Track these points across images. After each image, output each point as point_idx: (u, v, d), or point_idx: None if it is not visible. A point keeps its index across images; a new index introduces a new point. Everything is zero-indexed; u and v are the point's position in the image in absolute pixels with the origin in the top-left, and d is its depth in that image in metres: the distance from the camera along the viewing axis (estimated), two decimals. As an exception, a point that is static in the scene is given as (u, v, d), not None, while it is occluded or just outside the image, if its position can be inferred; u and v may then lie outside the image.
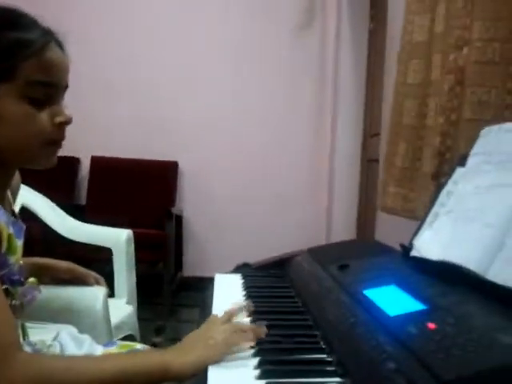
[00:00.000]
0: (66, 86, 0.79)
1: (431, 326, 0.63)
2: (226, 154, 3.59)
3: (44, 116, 0.75)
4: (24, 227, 0.84)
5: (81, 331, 0.99)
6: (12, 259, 0.78)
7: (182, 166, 3.60)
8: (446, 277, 0.79)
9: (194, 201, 3.64)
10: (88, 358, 0.81)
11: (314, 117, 3.53)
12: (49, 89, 0.75)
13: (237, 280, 1.15)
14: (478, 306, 0.68)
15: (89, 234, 1.78)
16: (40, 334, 0.94)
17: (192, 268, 3.61)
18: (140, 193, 3.48)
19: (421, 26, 1.45)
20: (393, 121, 1.69)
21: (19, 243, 0.82)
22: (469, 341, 0.57)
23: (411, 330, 0.63)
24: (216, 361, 0.70)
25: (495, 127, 0.94)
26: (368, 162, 3.17)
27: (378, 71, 2.86)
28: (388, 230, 1.91)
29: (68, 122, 0.78)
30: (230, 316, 0.81)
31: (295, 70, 3.52)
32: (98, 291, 1.18)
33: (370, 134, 3.16)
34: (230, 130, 3.58)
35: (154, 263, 3.26)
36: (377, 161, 2.66)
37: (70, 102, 0.82)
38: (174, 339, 1.35)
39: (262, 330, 0.75)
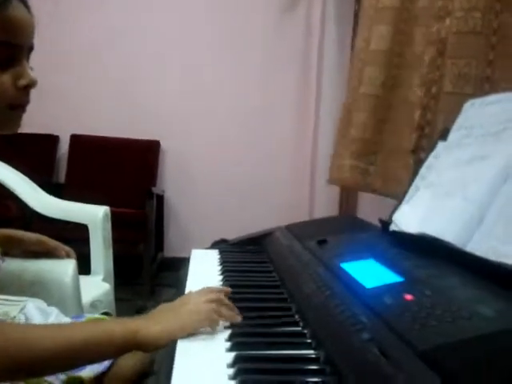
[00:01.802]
0: (31, 48, 0.74)
1: (408, 297, 0.62)
2: (208, 133, 3.54)
3: (6, 78, 0.70)
4: None
5: (50, 305, 0.96)
6: None
7: (164, 146, 3.54)
8: (425, 250, 0.78)
9: (175, 181, 3.60)
10: (46, 326, 0.77)
11: (299, 99, 3.49)
12: (11, 49, 0.70)
13: (213, 255, 1.13)
14: (456, 278, 0.67)
15: (65, 210, 1.74)
16: (7, 307, 0.91)
17: (173, 248, 3.58)
18: (121, 172, 3.42)
19: None
20: (350, 89, 1.67)
21: None
22: (446, 312, 0.56)
23: (387, 301, 0.62)
24: (186, 333, 0.67)
25: (478, 100, 0.93)
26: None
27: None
28: (370, 209, 1.90)
29: (32, 84, 0.73)
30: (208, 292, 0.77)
31: (279, 56, 3.46)
32: (68, 264, 1.15)
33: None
34: (212, 111, 3.52)
35: (134, 243, 3.23)
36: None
37: (50, 79, 0.77)
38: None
39: (238, 317, 0.72)
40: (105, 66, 3.47)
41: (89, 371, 0.86)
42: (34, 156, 3.29)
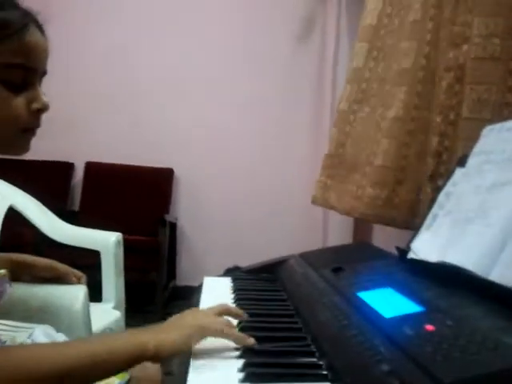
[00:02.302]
0: (45, 72, 0.75)
1: (429, 327, 0.59)
2: (221, 161, 3.55)
3: (20, 101, 0.71)
4: None
5: (59, 331, 0.95)
6: None
7: (178, 173, 3.55)
8: (445, 279, 0.75)
9: (188, 208, 3.59)
10: (53, 344, 0.76)
11: (312, 124, 3.50)
12: (26, 73, 0.71)
13: (226, 283, 1.11)
14: (478, 308, 0.64)
15: (77, 236, 1.73)
16: (15, 333, 0.89)
17: (186, 277, 3.55)
18: (134, 199, 3.43)
19: (372, 9, 1.46)
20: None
21: None
22: (470, 343, 0.53)
23: (408, 332, 0.59)
24: (197, 340, 0.68)
25: (497, 126, 0.91)
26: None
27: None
28: (385, 237, 1.87)
29: (45, 108, 0.73)
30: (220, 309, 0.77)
31: (294, 84, 3.48)
32: (78, 290, 1.13)
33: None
34: (226, 137, 3.54)
35: (146, 271, 3.21)
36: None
37: (65, 107, 0.78)
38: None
39: (251, 341, 0.70)
40: (119, 94, 3.52)
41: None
42: (49, 183, 3.32)
